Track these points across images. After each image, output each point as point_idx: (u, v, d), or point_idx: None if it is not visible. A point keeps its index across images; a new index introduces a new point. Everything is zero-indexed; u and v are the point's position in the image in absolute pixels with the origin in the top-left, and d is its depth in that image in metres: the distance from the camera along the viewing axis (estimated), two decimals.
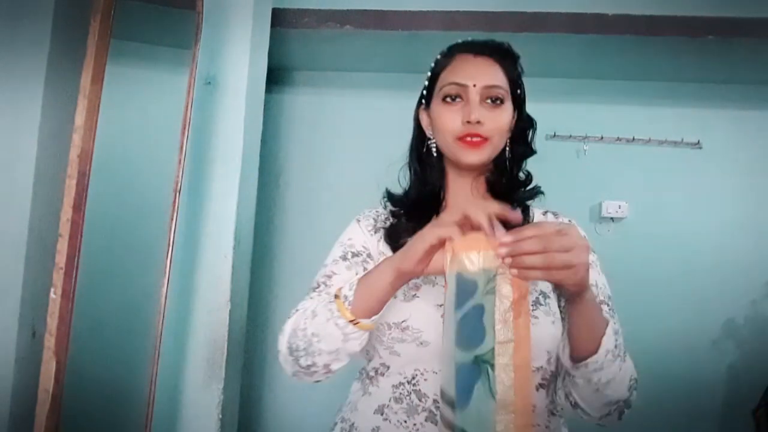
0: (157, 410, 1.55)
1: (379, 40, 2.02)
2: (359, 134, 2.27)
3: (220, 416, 1.67)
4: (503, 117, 0.97)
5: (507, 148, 1.01)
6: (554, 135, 2.24)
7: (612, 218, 2.24)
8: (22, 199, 1.39)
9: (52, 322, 1.38)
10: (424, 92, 1.04)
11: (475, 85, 0.95)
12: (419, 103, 1.06)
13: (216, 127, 1.77)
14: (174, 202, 1.60)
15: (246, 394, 2.01)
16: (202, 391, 1.68)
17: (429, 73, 1.03)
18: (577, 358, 0.83)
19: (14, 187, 1.40)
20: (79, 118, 1.42)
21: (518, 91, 1.01)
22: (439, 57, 1.03)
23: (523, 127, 1.03)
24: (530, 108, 1.06)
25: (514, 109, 1.00)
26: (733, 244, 2.20)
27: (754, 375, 2.07)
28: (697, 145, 2.24)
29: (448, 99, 0.97)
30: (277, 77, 2.26)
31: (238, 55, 1.80)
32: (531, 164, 1.08)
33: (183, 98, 1.66)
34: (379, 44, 2.07)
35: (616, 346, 0.82)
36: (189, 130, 1.65)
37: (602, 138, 2.25)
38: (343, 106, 2.35)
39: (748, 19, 1.86)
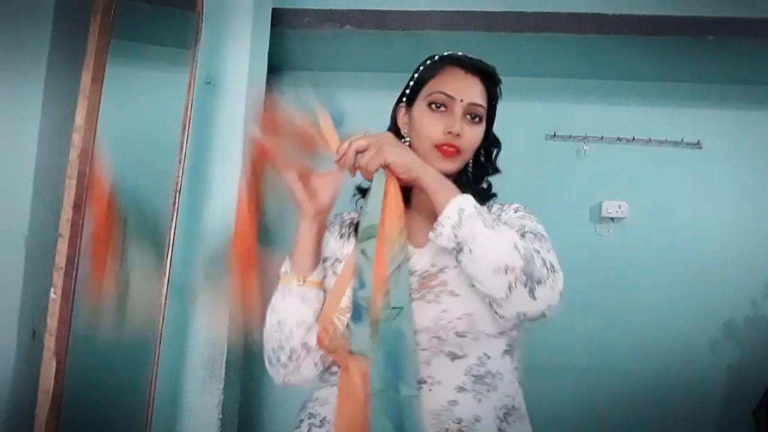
0: (157, 410, 1.55)
1: (379, 40, 2.02)
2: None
3: (220, 416, 1.67)
4: (478, 134, 1.04)
5: (470, 162, 1.08)
6: (554, 135, 2.24)
7: (612, 218, 2.24)
8: (22, 199, 1.39)
9: (52, 322, 1.37)
10: (407, 92, 1.08)
11: (462, 100, 1.01)
12: (399, 101, 1.10)
13: (216, 127, 1.77)
14: (174, 202, 1.60)
15: (246, 394, 2.01)
16: (202, 391, 1.68)
17: (415, 75, 1.08)
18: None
19: (14, 187, 1.40)
20: (79, 118, 1.42)
21: (491, 113, 1.07)
22: (428, 63, 1.08)
23: (489, 146, 1.10)
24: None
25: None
26: (733, 244, 2.20)
27: (754, 375, 2.07)
28: (697, 145, 2.24)
29: (434, 106, 1.02)
30: (277, 77, 2.26)
31: (238, 55, 1.81)
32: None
33: (183, 98, 1.66)
34: (379, 44, 2.07)
35: (476, 209, 0.88)
36: (189, 130, 1.65)
37: (602, 138, 2.25)
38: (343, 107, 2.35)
39: (748, 19, 1.87)
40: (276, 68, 2.14)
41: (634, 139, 2.24)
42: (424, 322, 0.92)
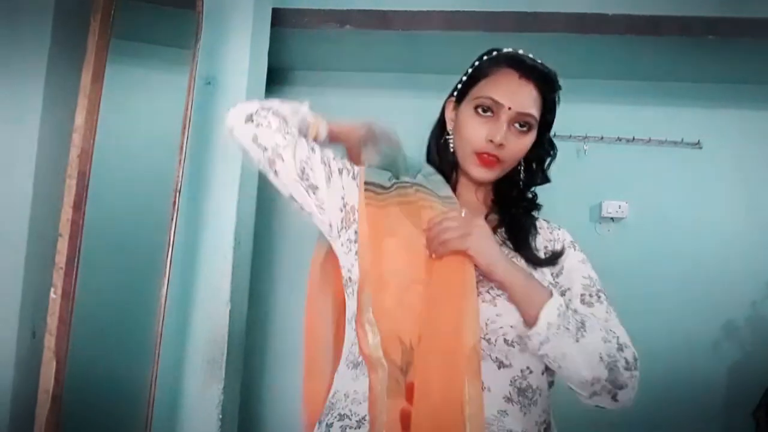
0: (157, 410, 1.55)
1: (379, 40, 2.02)
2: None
3: (220, 416, 1.67)
4: (524, 144, 0.99)
5: (521, 168, 1.04)
6: (554, 135, 2.22)
7: (612, 218, 2.24)
8: (22, 199, 1.40)
9: (52, 322, 1.38)
10: (459, 86, 1.04)
11: (510, 108, 0.95)
12: (450, 95, 1.06)
13: (216, 127, 1.77)
14: (174, 202, 1.60)
15: (246, 394, 2.01)
16: (202, 391, 1.68)
17: (470, 70, 1.03)
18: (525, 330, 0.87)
19: (14, 187, 1.40)
20: (79, 118, 1.42)
21: (548, 118, 1.03)
22: (485, 59, 1.02)
23: (541, 154, 1.06)
24: None
25: (538, 135, 1.02)
26: (733, 244, 2.19)
27: (754, 375, 2.06)
28: (697, 145, 2.24)
29: (480, 110, 0.97)
30: (277, 77, 2.26)
31: (238, 55, 1.80)
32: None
33: (183, 98, 1.66)
34: (379, 44, 2.07)
35: (562, 319, 0.84)
36: (189, 130, 1.65)
37: (602, 138, 2.25)
38: (343, 106, 2.34)
39: (748, 19, 1.86)
40: (276, 68, 2.14)
41: (634, 139, 2.24)
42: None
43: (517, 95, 0.96)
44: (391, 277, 0.90)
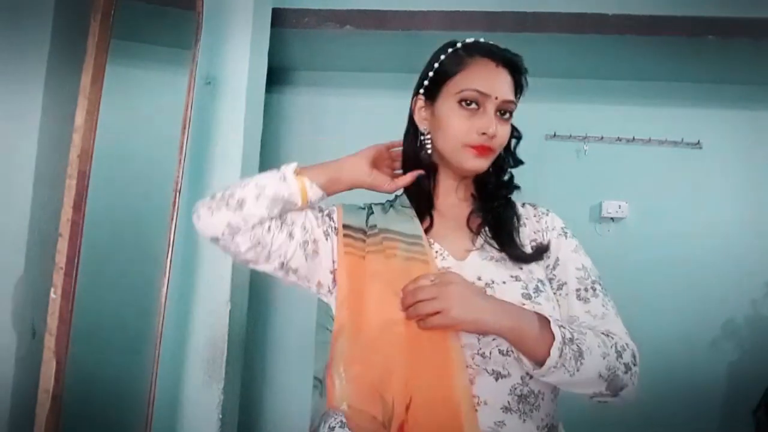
0: (157, 410, 1.55)
1: (379, 40, 2.02)
2: (359, 134, 2.25)
3: (220, 416, 1.67)
4: (508, 131, 0.99)
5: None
6: (554, 135, 2.24)
7: (612, 218, 2.24)
8: (22, 199, 1.39)
9: (52, 322, 1.38)
10: (426, 83, 1.00)
11: (497, 98, 0.94)
12: (416, 92, 1.03)
13: (216, 127, 1.77)
14: (174, 202, 1.60)
15: (246, 394, 2.01)
16: (202, 391, 1.68)
17: (435, 65, 0.99)
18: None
19: (14, 187, 1.40)
20: (79, 118, 1.42)
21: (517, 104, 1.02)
22: (450, 51, 0.98)
23: (509, 139, 1.03)
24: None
25: None
26: (733, 244, 2.20)
27: (754, 375, 2.07)
28: (697, 145, 2.24)
29: (464, 103, 0.94)
30: (277, 77, 2.26)
31: (238, 55, 1.80)
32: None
33: (183, 98, 1.65)
34: (379, 44, 2.07)
35: (563, 359, 0.82)
36: (189, 130, 1.65)
37: (602, 138, 2.25)
38: (343, 106, 2.35)
39: (748, 19, 1.87)
40: (276, 68, 2.14)
41: (634, 139, 2.24)
42: (468, 337, 0.87)
43: (499, 83, 0.95)
44: (371, 332, 0.88)
